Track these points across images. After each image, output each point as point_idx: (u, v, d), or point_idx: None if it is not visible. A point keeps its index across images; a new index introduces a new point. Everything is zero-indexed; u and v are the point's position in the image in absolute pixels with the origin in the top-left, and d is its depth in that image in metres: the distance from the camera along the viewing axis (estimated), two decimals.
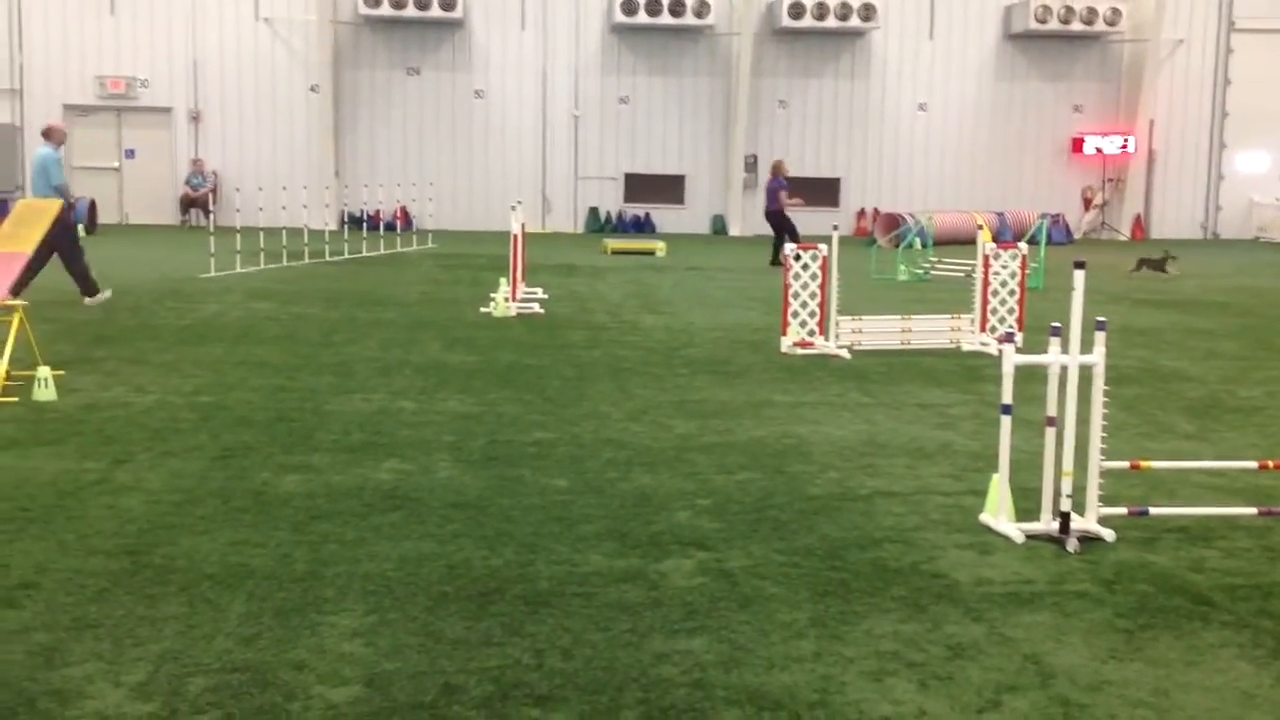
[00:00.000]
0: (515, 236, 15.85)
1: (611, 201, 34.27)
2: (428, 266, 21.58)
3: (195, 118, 32.93)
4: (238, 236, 20.14)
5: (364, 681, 4.29)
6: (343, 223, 30.46)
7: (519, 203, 16.95)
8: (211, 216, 22.05)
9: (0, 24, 32.27)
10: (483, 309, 15.00)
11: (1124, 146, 34.06)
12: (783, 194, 23.30)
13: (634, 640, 4.71)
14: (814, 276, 12.30)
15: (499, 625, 4.82)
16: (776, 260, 22.20)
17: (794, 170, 34.10)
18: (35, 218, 10.50)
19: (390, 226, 29.25)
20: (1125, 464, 6.49)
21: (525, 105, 33.71)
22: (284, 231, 21.94)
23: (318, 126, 32.65)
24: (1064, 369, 6.09)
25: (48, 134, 15.42)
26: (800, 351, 12.09)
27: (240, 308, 14.95)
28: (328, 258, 22.09)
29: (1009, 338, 6.41)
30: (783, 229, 22.96)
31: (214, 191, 31.89)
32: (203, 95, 32.89)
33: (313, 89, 32.73)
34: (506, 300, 14.82)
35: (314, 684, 4.25)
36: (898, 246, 24.31)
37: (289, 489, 6.75)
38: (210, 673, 4.32)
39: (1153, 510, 6.30)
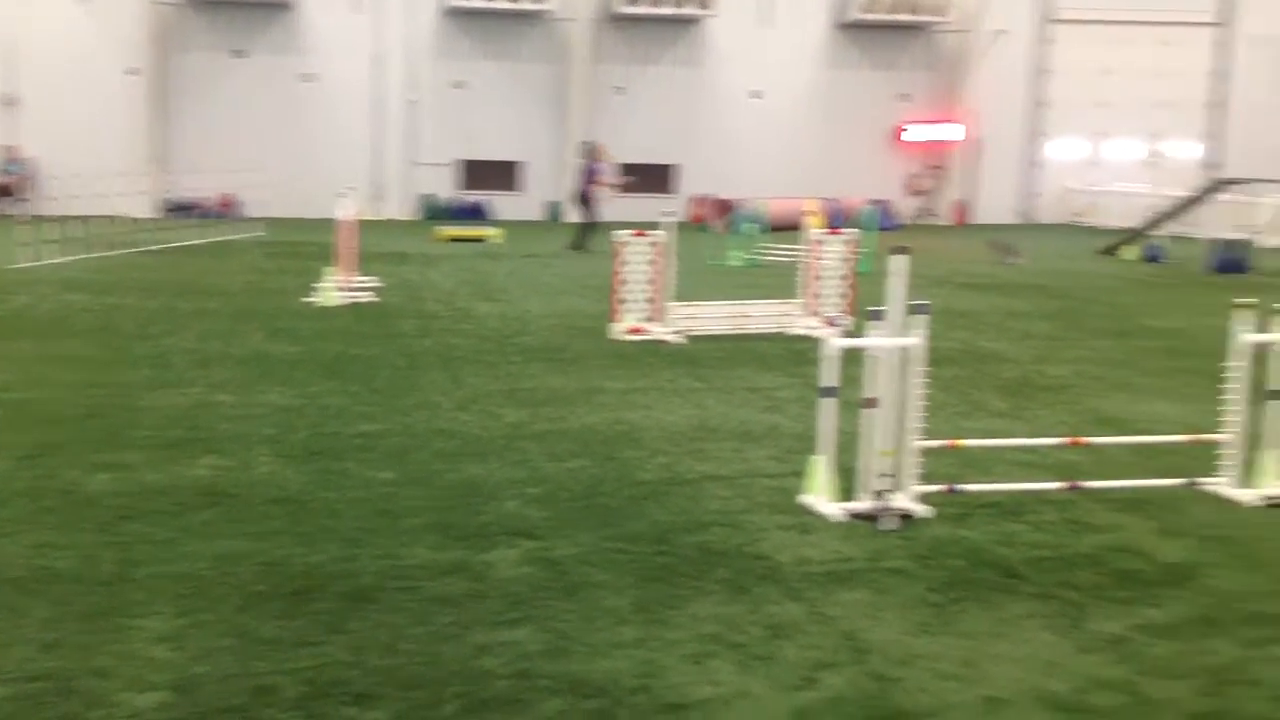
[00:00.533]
0: (344, 223, 15.53)
1: (446, 188, 33.89)
2: (254, 255, 21.01)
3: (9, 102, 31.44)
4: (51, 225, 19.29)
5: (171, 686, 4.15)
6: (166, 211, 29.44)
7: (348, 189, 16.60)
8: (25, 204, 21.05)
9: None
10: (309, 299, 14.66)
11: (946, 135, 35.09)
12: (602, 179, 23.43)
13: (457, 633, 4.67)
14: (651, 263, 12.34)
15: (317, 623, 4.72)
16: (580, 244, 22.70)
17: (632, 157, 34.31)
18: None
19: (213, 214, 28.43)
20: (943, 443, 6.68)
21: (357, 90, 33.03)
22: (99, 220, 21.09)
23: (139, 111, 31.45)
24: (885, 351, 6.22)
25: None
26: (632, 338, 12.13)
27: (52, 299, 14.32)
28: (147, 247, 21.31)
29: (834, 322, 6.54)
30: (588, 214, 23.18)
31: (29, 179, 30.51)
32: (17, 78, 31.39)
33: (132, 72, 31.53)
34: (334, 289, 14.52)
35: (118, 691, 4.10)
36: (729, 231, 24.59)
37: (99, 488, 6.49)
38: (9, 681, 4.14)
39: (965, 487, 6.50)
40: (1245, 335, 6.62)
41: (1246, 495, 6.57)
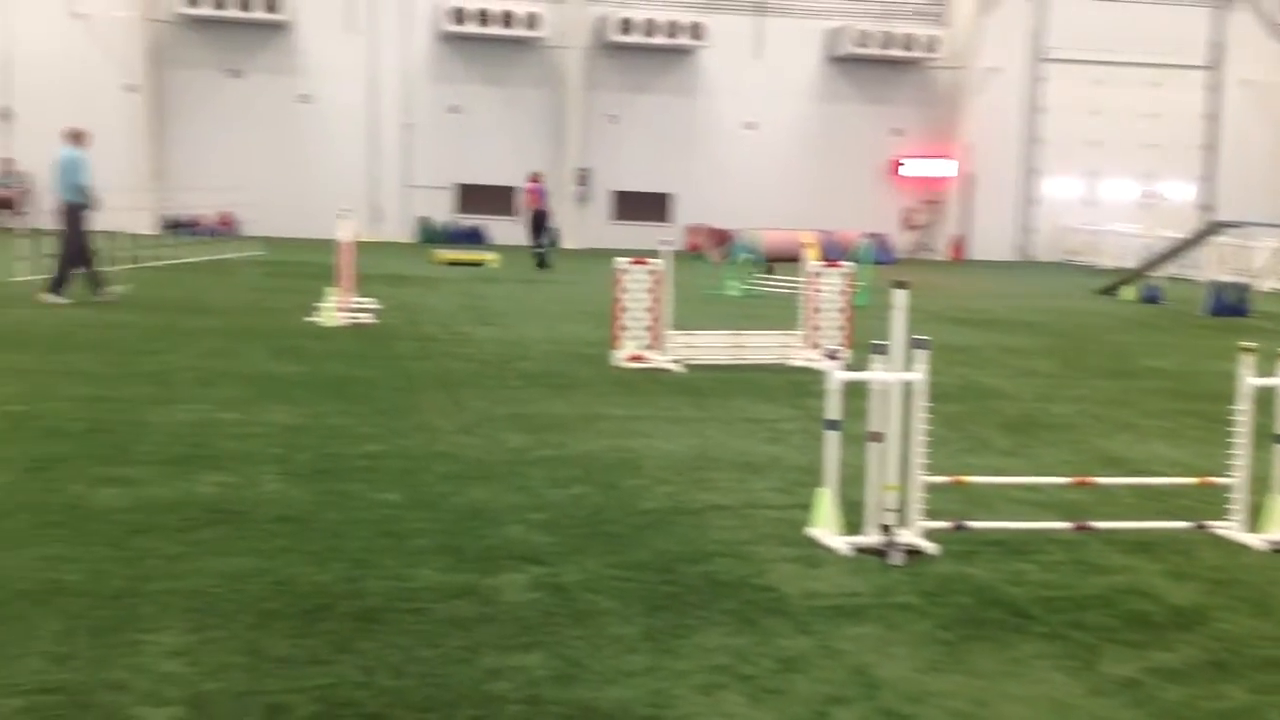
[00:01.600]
0: (344, 244, 15.56)
1: (443, 211, 33.95)
2: (253, 274, 21.03)
3: (6, 116, 31.44)
4: (49, 239, 19.23)
5: (186, 702, 4.15)
6: (164, 228, 29.44)
7: (348, 210, 16.64)
8: (23, 218, 21.04)
9: None
10: (309, 318, 14.68)
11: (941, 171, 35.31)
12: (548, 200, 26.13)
13: (466, 656, 4.67)
14: (648, 291, 12.39)
15: (327, 643, 4.72)
16: (546, 263, 25.24)
17: (626, 184, 34.49)
18: None
19: (211, 232, 28.45)
20: (948, 479, 6.71)
21: (353, 111, 33.12)
22: (99, 235, 21.03)
23: (135, 128, 31.47)
24: (888, 385, 6.26)
25: (74, 136, 15.78)
26: (632, 365, 12.17)
27: (53, 314, 14.31)
28: (147, 263, 21.31)
29: (833, 354, 6.58)
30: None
31: (25, 192, 30.50)
32: (13, 92, 31.42)
33: (129, 89, 31.57)
34: (335, 310, 14.54)
35: (133, 705, 4.10)
36: (726, 261, 24.67)
37: (106, 502, 6.49)
38: (22, 694, 4.14)
39: (972, 524, 6.52)
40: (1251, 380, 6.67)
41: (1255, 540, 6.61)
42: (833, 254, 28.66)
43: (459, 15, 32.00)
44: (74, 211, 15.54)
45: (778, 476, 7.82)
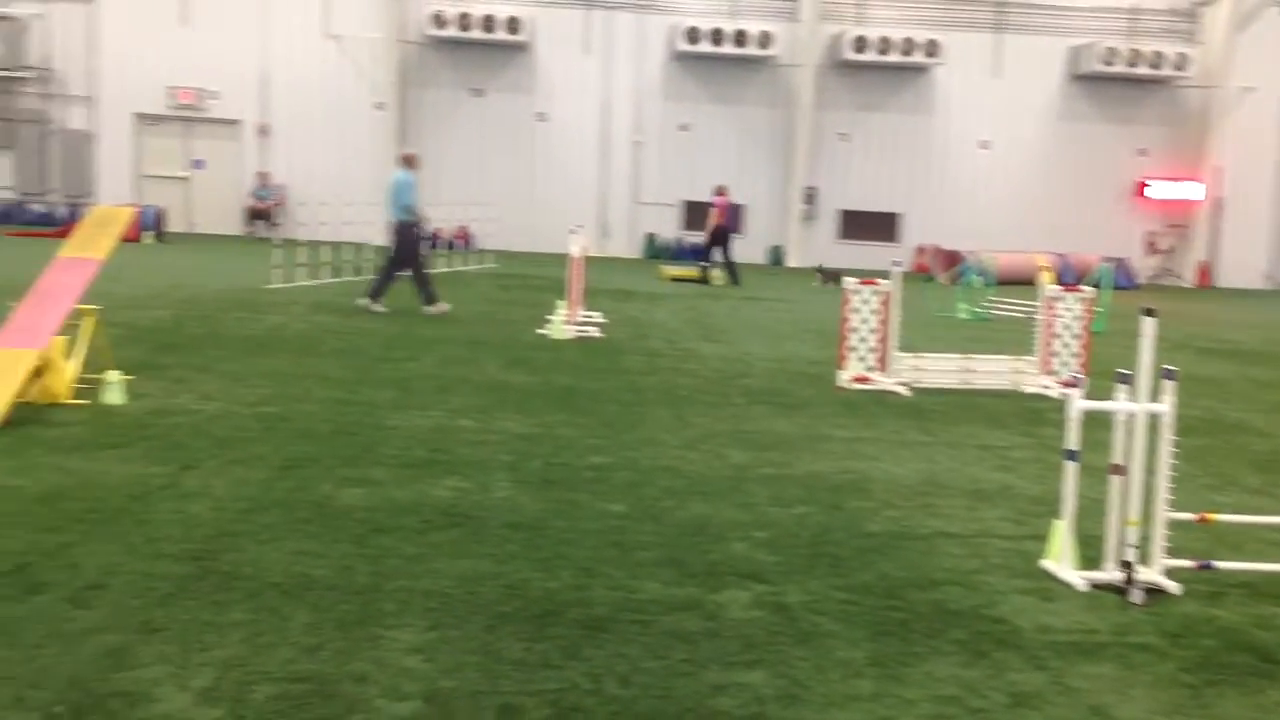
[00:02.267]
0: (574, 259, 15.92)
1: (670, 228, 34.35)
2: (487, 286, 21.72)
3: (263, 131, 33.38)
4: (302, 250, 20.37)
5: (424, 697, 4.31)
6: None
7: (580, 226, 17.03)
8: (277, 228, 22.29)
9: (75, 32, 32.93)
10: (540, 330, 15.07)
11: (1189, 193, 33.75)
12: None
13: (691, 670, 4.71)
14: (874, 312, 12.26)
15: (556, 648, 4.83)
16: (736, 279, 25.11)
17: (854, 204, 34.21)
18: (109, 223, 10.67)
19: (451, 245, 29.50)
20: (1192, 516, 6.41)
21: (586, 129, 33.90)
22: (345, 246, 22.16)
23: (382, 143, 32.99)
24: (1131, 416, 6.03)
25: (407, 160, 17.36)
26: (858, 386, 12.05)
27: (303, 320, 15.11)
28: None
29: (1074, 382, 6.36)
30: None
31: (279, 204, 32.31)
32: (271, 109, 33.34)
33: (378, 106, 33.10)
34: (564, 322, 14.89)
35: (375, 697, 4.29)
36: (956, 283, 24.19)
37: (350, 502, 6.81)
38: (274, 681, 4.37)
39: (1219, 564, 6.22)
40: None
41: None
42: (1068, 277, 27.80)
43: (693, 35, 32.36)
44: (405, 229, 16.75)
45: (1009, 506, 7.62)
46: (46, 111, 33.10)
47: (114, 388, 9.21)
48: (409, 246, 16.76)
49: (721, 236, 25.77)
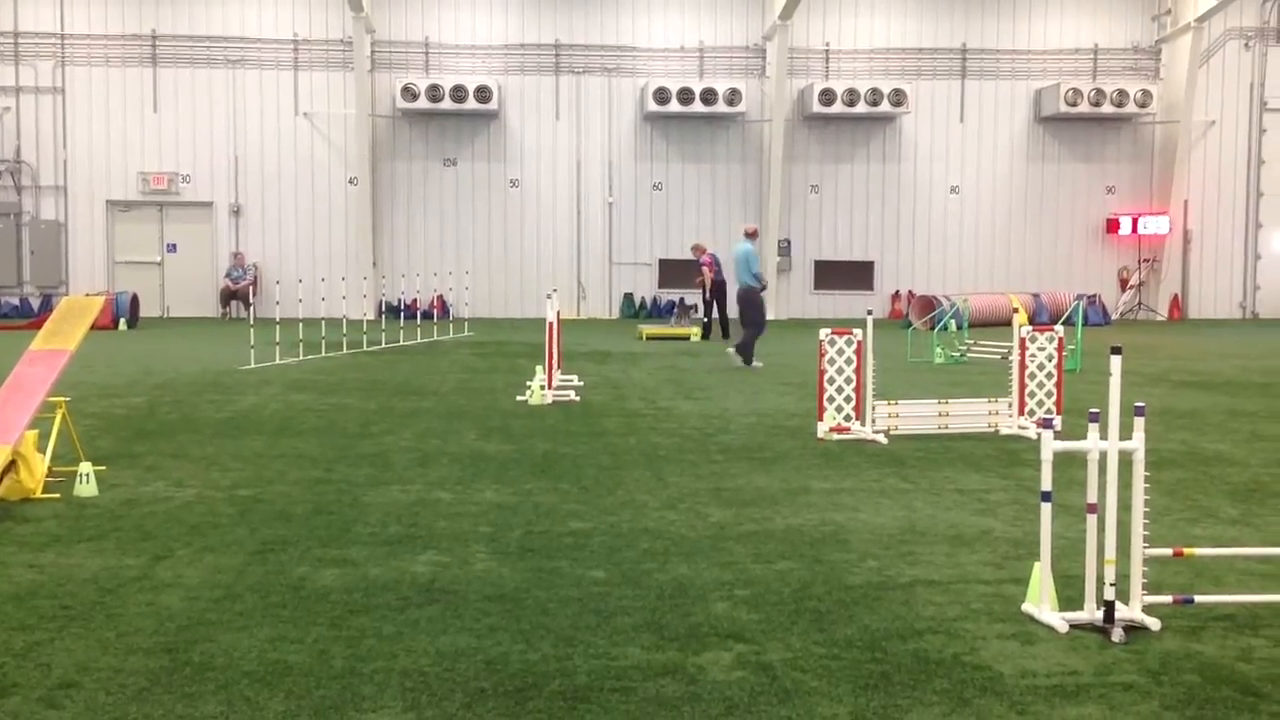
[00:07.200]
0: (550, 324, 15.95)
1: (646, 287, 34.48)
2: (464, 355, 21.72)
3: (236, 211, 33.47)
4: (277, 328, 20.36)
5: None
6: (380, 312, 30.77)
7: (554, 291, 17.09)
8: (252, 308, 22.32)
9: (45, 122, 33.07)
10: (519, 397, 15.06)
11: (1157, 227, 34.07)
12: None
13: None
14: (849, 361, 12.30)
15: None
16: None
17: (828, 254, 34.44)
18: (79, 313, 10.66)
19: (428, 315, 29.53)
20: (1169, 551, 6.41)
21: (560, 193, 34.11)
22: (323, 322, 22.15)
23: (356, 218, 33.13)
24: (1103, 455, 6.04)
25: (750, 234, 20.27)
26: (836, 437, 12.05)
27: (279, 399, 15.07)
28: (366, 348, 22.27)
29: (1047, 423, 6.38)
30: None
31: (254, 284, 32.32)
32: (243, 189, 33.47)
33: (351, 181, 33.26)
34: (542, 388, 14.88)
35: None
36: (933, 329, 24.29)
37: (327, 583, 6.75)
38: None
39: (1198, 598, 6.21)
40: None
41: None
42: (1044, 317, 27.95)
43: (662, 95, 32.66)
44: (752, 293, 19.41)
45: (988, 550, 7.61)
46: (19, 203, 33.15)
47: (85, 479, 9.15)
48: (759, 307, 19.42)
49: (719, 292, 26.60)
